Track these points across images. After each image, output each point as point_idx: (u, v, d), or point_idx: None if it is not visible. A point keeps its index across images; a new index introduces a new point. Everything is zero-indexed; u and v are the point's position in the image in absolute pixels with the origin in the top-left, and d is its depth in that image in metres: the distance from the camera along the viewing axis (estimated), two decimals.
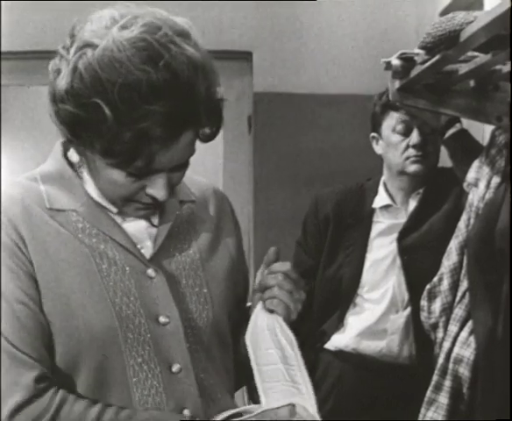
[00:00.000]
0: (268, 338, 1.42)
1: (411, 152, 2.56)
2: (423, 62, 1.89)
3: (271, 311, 1.43)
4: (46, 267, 1.35)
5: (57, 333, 1.35)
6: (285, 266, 1.43)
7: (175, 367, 1.39)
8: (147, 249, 1.43)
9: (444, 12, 3.05)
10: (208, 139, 1.35)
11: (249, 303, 1.55)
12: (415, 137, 2.55)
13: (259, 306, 1.44)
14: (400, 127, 2.56)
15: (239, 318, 1.54)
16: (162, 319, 1.39)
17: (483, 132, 2.70)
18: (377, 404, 2.51)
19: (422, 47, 1.82)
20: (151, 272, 1.40)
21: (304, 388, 1.40)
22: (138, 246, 1.42)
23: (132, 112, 1.22)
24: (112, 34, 1.25)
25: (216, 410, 1.41)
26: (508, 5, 1.29)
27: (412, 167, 2.57)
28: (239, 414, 1.38)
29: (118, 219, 1.42)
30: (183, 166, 1.36)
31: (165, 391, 1.38)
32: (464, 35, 1.64)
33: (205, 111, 1.28)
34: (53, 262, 1.35)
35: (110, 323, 1.35)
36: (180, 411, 1.38)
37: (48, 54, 1.35)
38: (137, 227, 1.43)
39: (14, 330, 1.32)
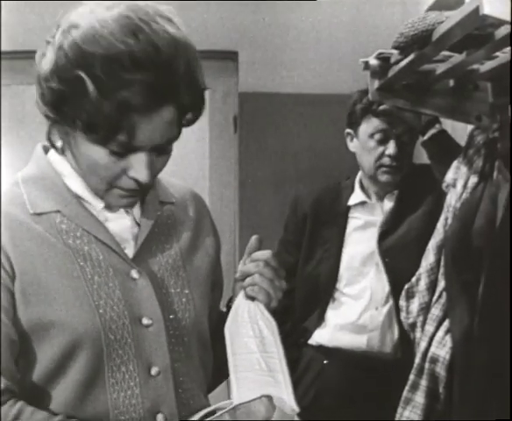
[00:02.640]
0: (248, 327, 1.42)
1: (385, 161, 2.57)
2: (397, 62, 1.89)
3: (252, 299, 1.43)
4: (29, 273, 1.34)
5: (39, 339, 1.34)
6: (266, 254, 1.45)
7: (154, 370, 1.38)
8: (130, 249, 1.43)
9: (430, 10, 3.05)
10: (189, 122, 1.36)
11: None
12: (391, 147, 2.56)
13: (241, 295, 1.44)
14: (378, 136, 2.57)
15: (216, 318, 1.54)
16: (145, 321, 1.39)
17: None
18: (358, 398, 2.54)
19: (395, 47, 1.82)
20: (134, 273, 1.40)
21: (281, 376, 1.38)
22: (122, 246, 1.42)
23: (113, 83, 1.24)
24: (96, 14, 1.28)
25: (191, 413, 1.40)
26: (477, 4, 1.29)
27: (384, 177, 2.59)
28: (213, 412, 1.37)
29: (102, 218, 1.42)
30: (166, 150, 1.36)
31: (141, 393, 1.37)
32: (436, 35, 1.65)
33: (185, 87, 1.30)
34: (36, 268, 1.35)
35: (93, 325, 1.34)
36: (154, 415, 1.38)
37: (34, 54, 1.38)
38: (121, 227, 1.44)
39: None
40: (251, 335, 1.41)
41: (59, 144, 1.42)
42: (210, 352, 1.53)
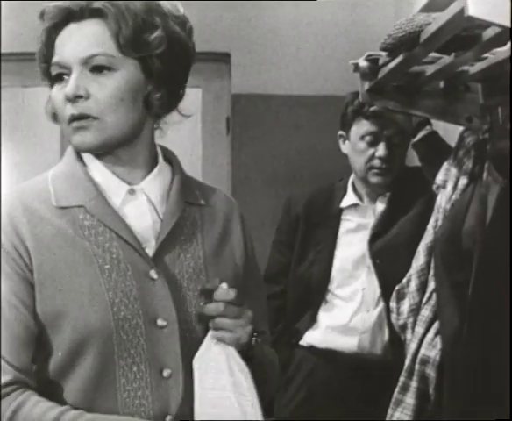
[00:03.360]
0: (221, 364, 1.40)
1: (376, 163, 2.57)
2: (385, 64, 1.90)
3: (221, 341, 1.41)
4: (47, 266, 1.36)
5: (53, 332, 1.36)
6: (229, 294, 1.42)
7: (166, 372, 1.38)
8: (151, 248, 1.43)
9: (423, 11, 3.06)
10: (125, 40, 1.38)
11: None
12: (381, 149, 2.56)
13: (210, 334, 1.42)
14: (368, 138, 2.57)
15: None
16: (160, 322, 1.39)
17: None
18: (348, 399, 2.54)
19: (383, 49, 1.83)
20: (153, 273, 1.40)
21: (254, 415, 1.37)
22: (143, 245, 1.42)
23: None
24: None
25: None
26: (461, 6, 1.29)
27: (375, 179, 2.59)
28: None
29: (124, 215, 1.43)
30: (100, 67, 1.38)
31: (152, 395, 1.38)
32: (423, 36, 1.65)
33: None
34: (54, 262, 1.37)
35: (105, 323, 1.35)
36: (163, 417, 1.38)
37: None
38: (143, 225, 1.44)
39: None
40: (223, 371, 1.39)
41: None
42: None
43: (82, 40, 1.38)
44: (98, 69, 1.38)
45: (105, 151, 1.42)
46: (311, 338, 2.64)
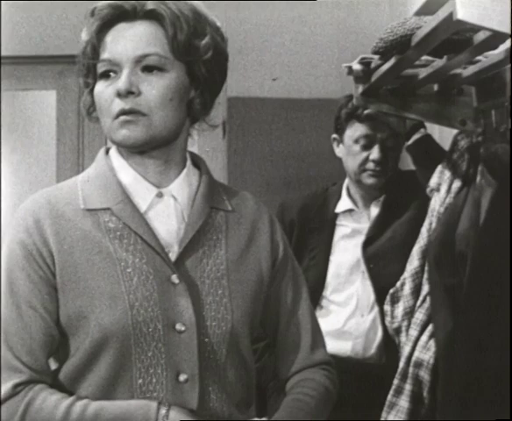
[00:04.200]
0: None
1: (370, 165, 2.57)
2: (377, 67, 1.90)
3: None
4: (69, 268, 1.39)
5: (73, 333, 1.39)
6: None
7: (182, 377, 1.40)
8: (174, 252, 1.44)
9: (418, 14, 3.06)
10: (176, 41, 1.41)
11: None
12: (375, 152, 2.55)
13: None
14: (362, 141, 2.57)
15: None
16: (179, 327, 1.40)
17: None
18: (342, 402, 2.51)
19: (374, 52, 1.83)
20: (175, 278, 1.42)
21: None
22: (166, 250, 1.43)
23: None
24: None
25: None
26: (451, 9, 1.29)
27: (369, 180, 2.58)
28: None
29: (150, 218, 1.45)
30: (152, 67, 1.40)
31: (166, 399, 1.39)
32: (414, 40, 1.65)
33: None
34: (77, 263, 1.39)
35: (124, 325, 1.37)
36: None
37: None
38: (167, 228, 1.45)
39: (17, 331, 1.37)
40: None
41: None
42: (250, 367, 1.52)
43: (136, 39, 1.40)
44: (149, 69, 1.41)
45: (146, 149, 1.45)
46: None
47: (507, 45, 1.70)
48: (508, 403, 1.76)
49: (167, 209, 1.47)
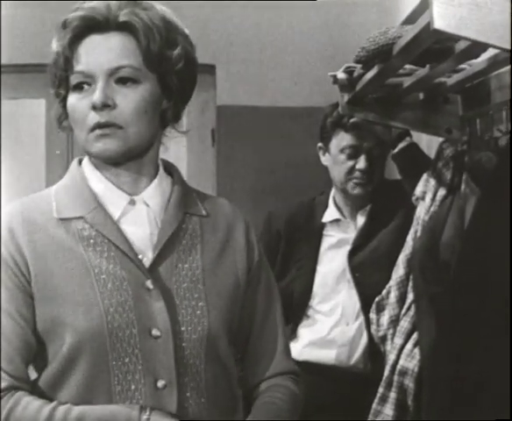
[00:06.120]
0: None
1: (356, 175, 2.56)
2: (361, 76, 1.90)
3: None
4: (44, 275, 1.40)
5: (49, 340, 1.40)
6: None
7: (161, 383, 1.39)
8: (148, 260, 1.45)
9: (407, 21, 3.07)
10: (146, 52, 1.42)
11: None
12: (362, 162, 2.54)
13: None
14: (348, 150, 2.56)
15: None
16: (154, 332, 1.40)
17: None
18: (327, 410, 2.52)
19: (356, 61, 1.83)
20: (149, 284, 1.42)
21: None
22: (140, 256, 1.44)
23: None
24: None
25: None
26: (428, 19, 1.30)
27: (355, 190, 2.58)
28: None
29: (123, 225, 1.45)
30: (125, 79, 1.40)
31: (145, 404, 1.38)
32: (396, 49, 1.66)
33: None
34: (51, 271, 1.40)
35: (99, 331, 1.38)
36: None
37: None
38: (140, 235, 1.46)
39: None
40: None
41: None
42: (231, 370, 1.51)
43: (110, 52, 1.41)
44: (123, 81, 1.41)
45: (122, 160, 1.45)
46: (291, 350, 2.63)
47: (490, 53, 1.71)
48: (492, 411, 1.76)
49: (140, 215, 1.47)
